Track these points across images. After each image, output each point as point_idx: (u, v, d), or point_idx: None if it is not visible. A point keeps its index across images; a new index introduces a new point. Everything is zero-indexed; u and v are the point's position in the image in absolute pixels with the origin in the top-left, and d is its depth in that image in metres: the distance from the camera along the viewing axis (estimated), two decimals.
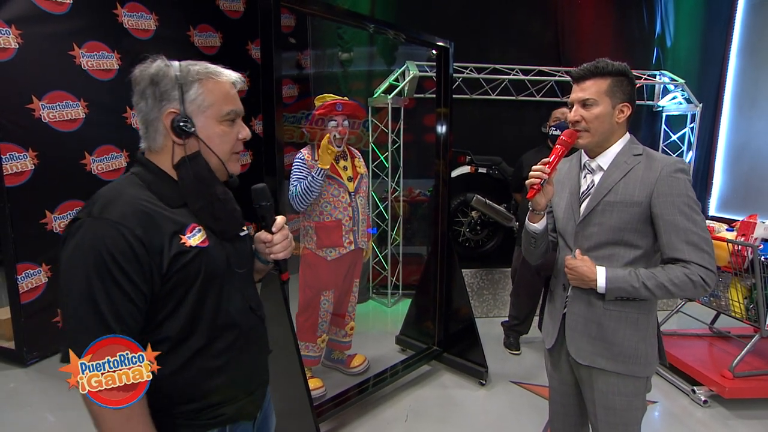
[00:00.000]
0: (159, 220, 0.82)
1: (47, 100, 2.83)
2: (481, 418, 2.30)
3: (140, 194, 0.84)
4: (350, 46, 3.97)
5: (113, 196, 0.82)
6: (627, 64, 1.26)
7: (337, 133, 2.37)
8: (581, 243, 1.28)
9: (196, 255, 0.84)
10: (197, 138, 0.88)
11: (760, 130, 4.15)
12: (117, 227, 0.78)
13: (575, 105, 1.27)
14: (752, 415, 2.31)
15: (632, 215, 1.21)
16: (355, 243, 2.47)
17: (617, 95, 1.24)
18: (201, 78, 0.88)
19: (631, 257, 1.23)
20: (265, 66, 1.76)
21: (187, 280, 0.84)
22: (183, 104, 0.86)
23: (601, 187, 1.25)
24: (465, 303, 2.68)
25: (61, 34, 2.89)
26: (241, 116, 0.95)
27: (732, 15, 4.38)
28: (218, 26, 3.90)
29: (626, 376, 1.27)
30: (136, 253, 0.78)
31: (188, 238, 0.84)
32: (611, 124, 1.25)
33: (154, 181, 0.87)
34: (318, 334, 2.51)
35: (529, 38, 4.02)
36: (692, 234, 1.16)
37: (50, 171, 2.86)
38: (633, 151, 1.26)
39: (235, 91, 0.93)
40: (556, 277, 1.38)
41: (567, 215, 1.32)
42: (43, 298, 2.88)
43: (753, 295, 2.32)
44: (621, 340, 1.25)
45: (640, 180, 1.21)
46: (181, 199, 0.87)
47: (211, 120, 0.89)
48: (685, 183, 1.19)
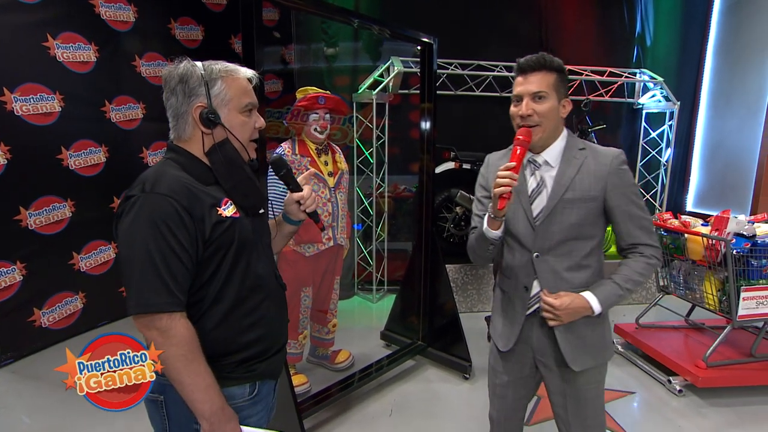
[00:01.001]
0: (199, 195, 0.95)
1: (20, 93, 2.74)
2: (465, 412, 2.33)
3: (179, 174, 0.97)
4: (335, 41, 3.94)
5: (159, 175, 0.94)
6: None
7: (318, 126, 2.36)
8: (540, 243, 1.25)
9: (231, 224, 0.98)
10: (223, 127, 1.00)
11: (734, 128, 4.28)
12: (167, 200, 0.90)
13: (525, 98, 1.22)
14: (724, 403, 2.39)
15: (590, 210, 1.23)
16: (334, 239, 2.46)
17: (561, 90, 1.24)
18: (223, 75, 1.00)
19: (588, 249, 1.26)
20: (247, 61, 1.73)
21: (224, 245, 0.97)
22: (209, 99, 0.98)
23: (558, 185, 1.23)
24: (449, 298, 2.70)
25: (33, 24, 2.80)
26: (257, 108, 1.07)
27: (708, 15, 4.49)
28: (200, 19, 3.82)
29: (602, 365, 1.32)
30: (184, 221, 0.91)
31: (223, 209, 0.97)
32: (557, 119, 1.24)
33: (188, 163, 1.00)
34: (299, 330, 2.51)
35: (513, 35, 4.06)
36: (643, 220, 1.25)
37: (24, 166, 2.77)
38: (577, 146, 1.26)
39: (251, 86, 1.05)
40: (510, 278, 1.33)
41: (520, 216, 1.27)
42: (18, 296, 2.80)
43: (726, 287, 2.40)
44: (592, 332, 1.29)
45: (593, 174, 1.23)
46: (212, 179, 1.00)
47: (233, 111, 1.01)
48: (630, 174, 1.27)
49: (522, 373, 1.38)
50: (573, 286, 1.25)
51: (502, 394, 1.44)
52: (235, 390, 1.01)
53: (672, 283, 2.79)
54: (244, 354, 1.01)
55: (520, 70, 1.25)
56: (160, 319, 0.88)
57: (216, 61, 1.02)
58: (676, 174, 4.57)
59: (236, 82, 1.01)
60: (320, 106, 2.36)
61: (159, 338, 0.88)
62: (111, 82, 3.25)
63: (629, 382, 2.61)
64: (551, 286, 1.26)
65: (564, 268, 1.25)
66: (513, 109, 1.25)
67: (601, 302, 1.23)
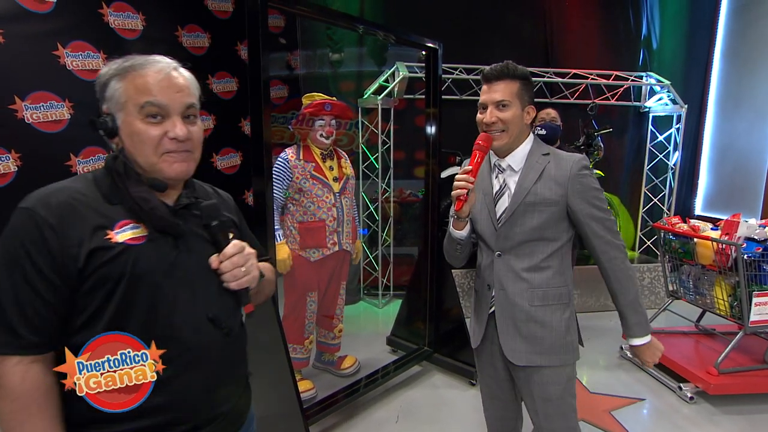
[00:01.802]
0: (84, 213, 0.77)
1: (30, 101, 2.78)
2: (471, 418, 2.31)
3: (80, 188, 0.81)
4: (340, 46, 3.97)
5: (51, 188, 0.80)
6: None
7: (324, 132, 2.37)
8: (502, 244, 1.31)
9: (121, 252, 0.77)
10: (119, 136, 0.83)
11: (743, 131, 4.23)
12: (32, 215, 0.75)
13: (489, 107, 1.28)
14: (737, 410, 2.35)
15: (551, 214, 1.28)
16: (340, 244, 2.45)
17: (525, 98, 1.29)
18: (119, 73, 0.82)
19: (549, 251, 1.30)
20: (253, 67, 1.75)
21: (109, 279, 0.76)
22: (103, 103, 0.83)
23: (520, 188, 1.29)
24: (455, 303, 2.69)
25: (44, 34, 2.85)
26: (178, 111, 0.83)
27: (715, 18, 4.46)
28: (207, 26, 3.86)
29: (559, 366, 1.33)
30: (48, 243, 0.74)
31: (116, 233, 0.78)
32: (521, 126, 1.30)
33: (101, 178, 0.83)
34: (305, 335, 2.50)
35: (518, 39, 4.06)
36: (606, 221, 1.29)
37: (35, 173, 2.81)
38: (541, 151, 1.32)
39: (170, 81, 0.82)
40: (479, 277, 1.41)
41: (483, 217, 1.35)
42: None
43: (737, 292, 2.36)
44: (549, 332, 1.31)
45: (554, 179, 1.27)
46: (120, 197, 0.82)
47: (130, 117, 0.81)
48: (591, 178, 1.30)
49: (496, 372, 1.43)
50: (532, 286, 1.30)
51: (483, 392, 1.52)
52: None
53: (681, 288, 2.75)
54: (139, 423, 0.77)
55: (485, 79, 1.31)
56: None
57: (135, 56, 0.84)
58: (684, 178, 4.52)
59: (138, 78, 0.80)
60: (326, 112, 2.37)
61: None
62: None
63: (638, 389, 2.57)
64: (510, 286, 1.31)
65: (523, 268, 1.30)
66: (479, 116, 1.31)
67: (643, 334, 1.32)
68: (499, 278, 1.33)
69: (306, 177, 2.35)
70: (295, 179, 2.34)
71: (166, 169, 0.83)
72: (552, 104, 4.02)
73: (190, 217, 0.87)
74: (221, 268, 0.86)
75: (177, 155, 0.83)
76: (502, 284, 1.32)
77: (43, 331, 0.74)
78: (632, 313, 1.30)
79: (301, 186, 2.34)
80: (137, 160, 0.83)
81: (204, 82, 3.84)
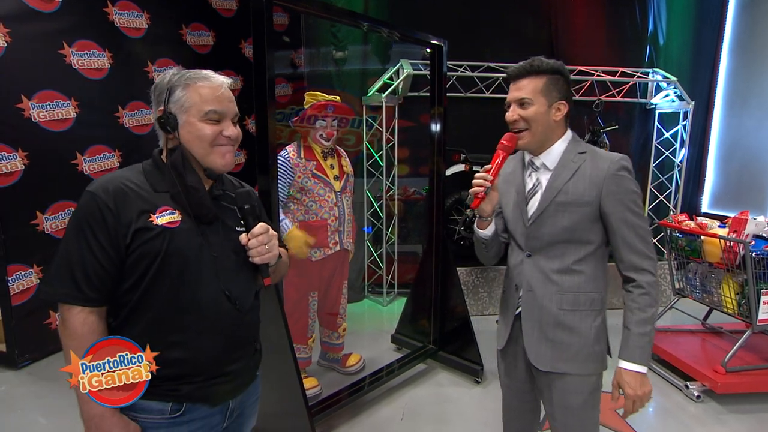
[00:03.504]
0: (132, 198, 0.95)
1: (37, 100, 2.80)
2: (476, 416, 2.31)
3: (132, 177, 0.98)
4: (344, 44, 3.95)
5: (108, 177, 0.98)
6: (562, 62, 1.27)
7: (325, 134, 2.37)
8: (532, 243, 1.27)
9: (159, 233, 0.94)
10: (174, 132, 1.00)
11: (751, 127, 4.19)
12: (94, 197, 0.93)
13: (512, 105, 1.27)
14: (744, 409, 2.33)
15: (583, 215, 1.22)
16: (341, 244, 2.45)
17: (553, 94, 1.24)
18: (187, 83, 1.00)
19: (582, 254, 1.24)
20: (258, 65, 1.75)
21: (149, 254, 0.94)
22: (167, 104, 1.00)
23: (551, 187, 1.24)
24: (460, 301, 2.68)
25: (50, 33, 2.86)
26: (230, 117, 1.04)
27: (723, 14, 4.41)
28: (211, 25, 3.87)
29: (584, 375, 1.27)
30: (107, 221, 0.92)
31: (157, 217, 0.95)
32: (548, 123, 1.25)
33: (150, 169, 1.02)
34: (308, 335, 2.51)
35: (522, 36, 4.03)
36: (640, 229, 1.20)
37: (41, 171, 2.83)
38: (578, 149, 1.26)
39: (225, 93, 1.03)
40: (508, 277, 1.38)
41: (515, 215, 1.31)
42: (35, 300, 2.84)
43: (745, 290, 2.34)
44: (577, 339, 1.25)
45: (589, 179, 1.21)
46: (166, 186, 0.99)
47: (193, 118, 1.00)
48: (630, 180, 1.21)
49: (517, 373, 1.39)
50: (562, 290, 1.25)
51: (504, 393, 1.48)
52: (153, 404, 0.95)
53: (688, 285, 2.73)
54: (164, 371, 0.93)
55: (509, 78, 1.29)
56: (61, 307, 0.93)
57: (194, 70, 1.03)
58: (691, 175, 4.48)
59: (201, 89, 1.00)
60: (329, 114, 2.37)
61: (60, 325, 0.94)
62: (124, 88, 3.30)
63: None
64: (539, 288, 1.26)
65: (553, 270, 1.25)
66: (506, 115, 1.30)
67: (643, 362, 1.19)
68: (528, 279, 1.28)
69: (308, 176, 2.34)
70: (296, 178, 2.34)
71: (218, 160, 1.03)
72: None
73: (218, 206, 1.05)
74: (249, 245, 1.03)
75: (225, 148, 1.03)
76: (531, 285, 1.28)
77: (101, 289, 0.93)
78: (639, 333, 1.19)
79: (303, 185, 2.34)
80: (193, 151, 1.01)
81: None
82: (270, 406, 2.04)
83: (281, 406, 1.97)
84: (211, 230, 1.01)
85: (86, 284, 0.91)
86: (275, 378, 1.93)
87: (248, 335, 1.09)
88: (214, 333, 1.00)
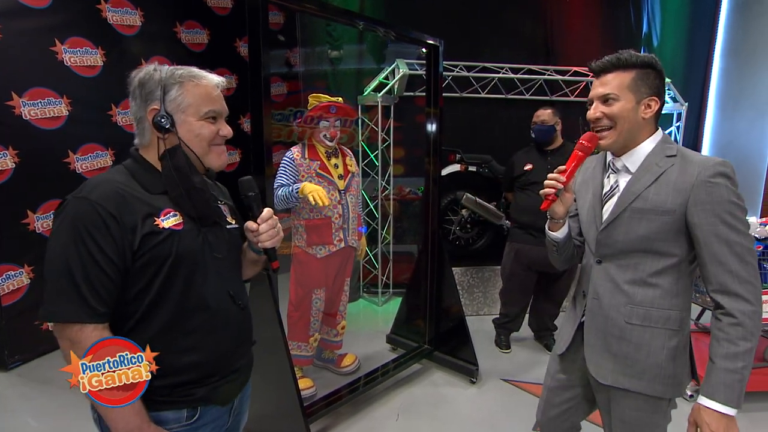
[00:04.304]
0: (133, 203, 0.91)
1: (28, 97, 2.76)
2: (472, 416, 2.31)
3: (124, 181, 0.94)
4: (340, 43, 3.95)
5: (98, 181, 0.93)
6: (654, 56, 1.15)
7: (328, 134, 2.37)
8: (603, 250, 1.18)
9: (168, 236, 0.92)
10: (174, 132, 0.97)
11: (743, 129, 4.23)
12: (93, 205, 0.87)
13: (595, 101, 1.16)
14: None
15: (663, 224, 1.09)
16: (346, 241, 2.46)
17: (642, 89, 1.12)
18: (183, 81, 0.97)
19: (660, 266, 1.12)
20: (253, 64, 1.74)
21: (157, 258, 0.91)
22: (163, 103, 0.96)
23: (628, 192, 1.13)
24: (455, 301, 2.68)
25: (42, 29, 2.82)
26: (224, 116, 1.04)
27: (716, 15, 4.45)
28: (206, 23, 3.84)
29: (650, 396, 1.15)
30: (111, 229, 0.87)
31: (162, 220, 0.93)
32: (636, 121, 1.12)
33: (138, 170, 0.98)
34: (310, 333, 2.50)
35: (518, 37, 4.04)
36: (739, 246, 1.03)
37: (32, 170, 2.79)
38: (666, 152, 1.12)
39: (218, 93, 1.02)
40: (579, 281, 1.31)
41: (589, 219, 1.22)
42: (26, 300, 2.81)
43: None
44: (645, 357, 1.13)
45: (673, 185, 1.08)
46: (161, 187, 0.96)
47: (190, 118, 0.98)
48: (727, 189, 1.04)
49: (571, 381, 1.32)
50: (632, 302, 1.14)
51: (549, 401, 1.38)
52: (168, 414, 0.94)
53: None
54: (178, 378, 0.94)
55: (593, 72, 1.19)
56: (70, 329, 0.86)
57: (184, 67, 1.00)
58: None
59: (198, 88, 0.98)
60: (332, 114, 2.38)
61: (69, 349, 0.84)
62: (117, 86, 3.21)
63: None
64: (607, 297, 1.17)
65: (625, 280, 1.15)
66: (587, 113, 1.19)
67: (726, 401, 1.02)
68: (595, 287, 1.19)
69: (311, 175, 2.35)
70: (300, 177, 2.35)
71: (216, 159, 1.02)
72: (552, 102, 4.01)
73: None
74: (260, 229, 1.05)
75: (221, 148, 1.03)
76: (597, 293, 1.19)
77: (109, 302, 0.89)
78: (725, 368, 1.01)
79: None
80: (192, 150, 0.99)
81: None
82: (265, 406, 2.03)
83: (276, 407, 1.96)
84: (208, 230, 1.00)
85: (96, 299, 0.86)
86: (270, 378, 1.92)
87: (249, 329, 1.11)
88: (223, 331, 1.01)
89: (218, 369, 1.00)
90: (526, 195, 2.81)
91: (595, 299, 1.20)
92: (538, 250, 2.68)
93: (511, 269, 2.92)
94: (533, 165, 2.78)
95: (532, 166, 2.78)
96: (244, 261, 1.15)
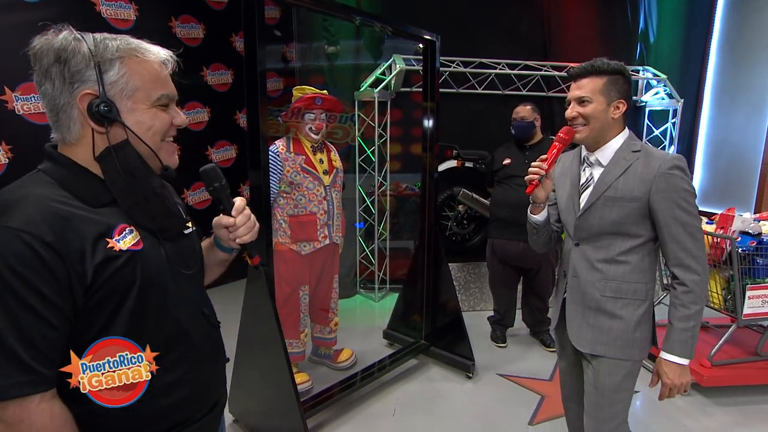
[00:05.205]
0: (77, 223, 0.70)
1: (21, 92, 2.73)
2: (468, 411, 2.32)
3: (50, 194, 0.71)
4: (336, 39, 3.92)
5: (15, 198, 0.68)
6: (623, 63, 1.34)
7: (314, 126, 2.36)
8: (580, 234, 1.36)
9: (128, 260, 0.73)
10: (122, 124, 0.74)
11: (738, 126, 4.25)
12: (20, 236, 0.64)
13: (572, 103, 1.34)
14: (730, 402, 2.38)
15: (632, 210, 1.28)
16: (330, 237, 2.45)
17: (612, 93, 1.31)
18: (123, 56, 0.74)
19: (628, 246, 1.31)
20: (249, 59, 1.72)
21: (118, 289, 0.73)
22: (102, 86, 0.72)
23: (601, 182, 1.32)
24: (452, 297, 2.69)
25: (35, 23, 2.78)
26: (175, 100, 0.82)
27: (712, 12, 4.46)
28: (201, 17, 3.81)
29: (620, 359, 1.34)
30: (48, 264, 0.66)
31: (117, 241, 0.73)
32: (606, 120, 1.32)
33: (68, 177, 0.74)
34: (300, 329, 2.50)
35: (515, 33, 4.03)
36: (690, 227, 1.24)
37: (26, 165, 2.71)
38: (632, 148, 1.32)
39: (166, 72, 0.80)
40: (561, 263, 1.49)
41: (568, 207, 1.40)
42: None
43: (730, 286, 2.38)
44: (618, 326, 1.32)
45: (639, 176, 1.27)
46: (104, 197, 0.75)
47: (139, 105, 0.76)
48: (682, 179, 1.25)
49: (566, 352, 1.50)
50: (606, 278, 1.33)
51: (563, 377, 1.59)
52: None
53: None
54: (160, 426, 0.80)
55: (570, 77, 1.38)
56: (4, 408, 0.65)
57: (114, 35, 0.75)
58: None
59: (144, 65, 0.75)
60: (317, 106, 2.36)
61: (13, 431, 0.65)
62: None
63: None
64: (584, 274, 1.35)
65: (598, 259, 1.33)
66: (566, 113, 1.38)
67: (681, 354, 1.26)
68: (574, 266, 1.38)
69: (297, 170, 2.34)
70: (285, 172, 2.33)
71: (168, 158, 0.82)
72: (549, 98, 4.02)
73: None
74: (237, 222, 0.89)
75: (171, 144, 0.83)
76: (576, 272, 1.37)
77: (55, 359, 0.69)
78: (681, 328, 1.25)
79: (292, 179, 2.33)
80: (139, 148, 0.77)
81: (198, 74, 3.79)
82: (261, 401, 2.03)
83: (272, 402, 1.96)
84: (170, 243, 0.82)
85: (37, 360, 0.66)
86: (267, 374, 1.93)
87: (222, 355, 0.96)
88: (204, 358, 0.87)
89: (203, 403, 0.88)
90: (503, 189, 2.84)
91: (575, 277, 1.38)
92: (513, 244, 2.73)
93: (491, 264, 2.96)
94: (512, 160, 2.82)
95: (510, 160, 2.82)
96: (208, 265, 0.97)
